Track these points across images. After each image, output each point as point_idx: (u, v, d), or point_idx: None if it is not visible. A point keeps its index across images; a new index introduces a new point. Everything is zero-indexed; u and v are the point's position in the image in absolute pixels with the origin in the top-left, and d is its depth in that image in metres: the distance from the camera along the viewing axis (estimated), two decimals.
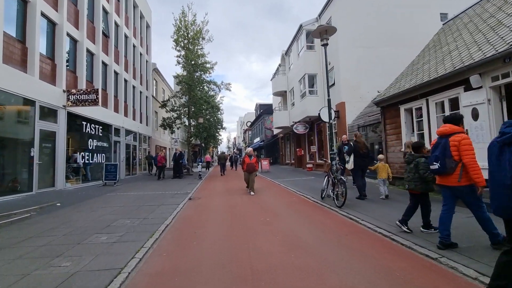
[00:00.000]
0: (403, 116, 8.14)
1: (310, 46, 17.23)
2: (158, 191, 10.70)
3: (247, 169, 9.29)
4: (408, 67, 9.43)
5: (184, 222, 5.71)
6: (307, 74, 16.74)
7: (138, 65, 19.83)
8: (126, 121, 17.16)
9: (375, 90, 14.33)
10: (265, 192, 9.64)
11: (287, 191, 9.82)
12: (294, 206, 6.94)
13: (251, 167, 9.27)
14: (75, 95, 10.69)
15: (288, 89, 21.36)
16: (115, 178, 12.70)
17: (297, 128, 18.55)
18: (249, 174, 9.32)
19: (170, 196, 9.25)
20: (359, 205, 6.35)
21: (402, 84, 8.36)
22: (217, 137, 45.60)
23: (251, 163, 9.29)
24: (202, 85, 21.75)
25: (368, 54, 14.43)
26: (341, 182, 6.25)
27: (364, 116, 12.87)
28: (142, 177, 17.32)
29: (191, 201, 8.31)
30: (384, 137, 9.17)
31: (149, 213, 6.55)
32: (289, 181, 12.43)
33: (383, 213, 5.51)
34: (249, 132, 50.92)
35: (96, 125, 13.31)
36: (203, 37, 22.24)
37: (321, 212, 6.08)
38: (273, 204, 7.39)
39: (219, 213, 6.47)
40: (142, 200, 8.56)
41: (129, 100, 18.04)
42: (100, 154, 13.76)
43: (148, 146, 22.13)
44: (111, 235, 4.71)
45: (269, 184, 12.25)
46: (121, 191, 10.87)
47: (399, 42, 14.57)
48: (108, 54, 15.10)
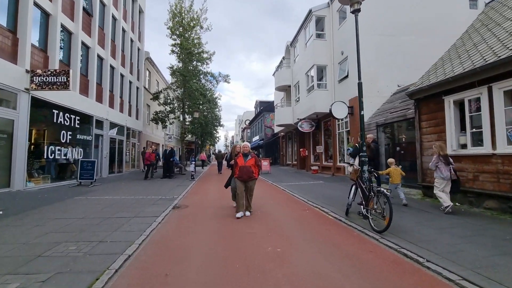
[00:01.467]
0: (450, 110, 6.37)
1: (319, 35, 15.44)
2: (140, 194, 8.88)
3: (239, 175, 5.74)
4: (450, 51, 7.67)
5: (156, 251, 3.89)
6: (316, 65, 14.96)
7: (128, 51, 17.94)
8: (112, 113, 15.28)
9: (394, 84, 12.62)
10: (268, 201, 7.84)
11: (295, 199, 8.02)
12: (311, 225, 5.15)
13: (245, 172, 5.69)
14: (41, 77, 8.82)
15: (293, 83, 19.56)
16: (92, 177, 10.86)
17: (302, 126, 16.77)
18: (243, 183, 5.77)
19: (152, 203, 7.45)
20: (406, 228, 4.57)
21: (448, 70, 6.58)
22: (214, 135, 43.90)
23: (245, 166, 5.70)
24: (198, 77, 19.92)
25: (388, 43, 12.68)
26: (380, 195, 4.46)
27: (384, 113, 11.11)
28: (129, 176, 15.46)
29: (175, 212, 6.49)
30: (418, 137, 7.40)
31: (112, 230, 4.74)
32: (294, 186, 10.64)
33: (450, 243, 3.73)
34: (248, 131, 49.11)
35: (72, 115, 11.42)
36: (201, 25, 20.48)
37: (353, 239, 4.28)
38: (281, 220, 5.59)
39: (209, 234, 4.66)
40: (114, 208, 6.74)
41: (116, 89, 16.16)
42: (77, 149, 11.89)
43: (138, 142, 20.25)
44: (27, 281, 2.88)
45: (272, 189, 10.45)
46: (95, 193, 9.03)
47: (423, 30, 12.85)
48: (91, 35, 13.21)
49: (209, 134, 39.52)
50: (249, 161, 5.79)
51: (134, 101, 19.14)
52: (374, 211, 4.48)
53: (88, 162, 11.01)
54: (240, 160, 5.81)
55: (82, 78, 12.41)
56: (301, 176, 15.21)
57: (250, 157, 5.82)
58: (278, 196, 8.76)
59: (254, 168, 5.81)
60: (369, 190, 4.79)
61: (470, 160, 5.88)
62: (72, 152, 11.53)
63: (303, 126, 16.80)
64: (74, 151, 11.68)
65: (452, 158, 6.33)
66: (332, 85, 14.73)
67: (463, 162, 6.05)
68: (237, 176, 5.79)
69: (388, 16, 12.81)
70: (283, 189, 10.03)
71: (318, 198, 7.71)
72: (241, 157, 5.84)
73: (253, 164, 5.79)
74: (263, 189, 10.35)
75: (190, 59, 19.18)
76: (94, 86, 13.21)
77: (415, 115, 7.53)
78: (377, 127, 10.98)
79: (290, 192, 9.24)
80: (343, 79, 13.58)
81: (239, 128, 68.41)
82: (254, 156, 5.85)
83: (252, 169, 5.76)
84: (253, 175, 5.78)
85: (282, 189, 10.15)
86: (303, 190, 9.57)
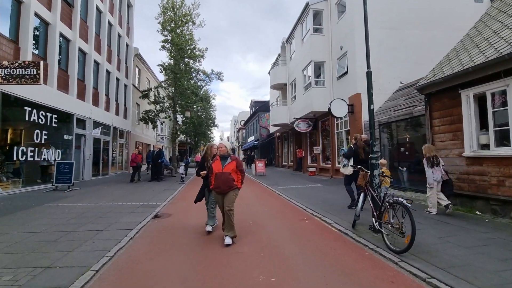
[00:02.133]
0: (469, 105, 5.60)
1: (317, 29, 14.67)
2: (120, 200, 7.97)
3: (216, 185, 4.23)
4: (463, 41, 6.92)
5: (116, 282, 3.02)
6: (313, 61, 14.17)
7: (115, 47, 16.95)
8: (96, 112, 14.29)
9: (397, 80, 11.90)
10: (261, 208, 6.99)
11: (293, 206, 7.18)
12: (312, 241, 4.30)
13: (223, 181, 4.17)
14: (7, 69, 7.84)
15: (289, 81, 18.76)
16: (69, 181, 9.89)
17: (299, 126, 15.97)
18: (220, 196, 4.29)
19: (130, 211, 6.55)
20: (428, 245, 3.75)
21: (465, 60, 5.82)
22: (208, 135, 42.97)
23: (223, 173, 4.20)
24: (190, 74, 19.04)
25: (390, 37, 11.95)
26: (397, 206, 3.64)
27: (387, 111, 10.35)
28: (115, 179, 14.48)
29: (154, 223, 5.61)
30: (429, 136, 6.63)
31: (70, 250, 3.86)
32: (291, 190, 9.81)
33: (493, 270, 2.92)
34: (243, 131, 48.24)
35: (48, 112, 10.43)
36: (193, 21, 19.64)
37: (366, 262, 3.45)
38: (277, 234, 4.74)
39: (187, 254, 3.79)
40: (84, 218, 5.83)
41: (101, 86, 15.17)
42: (54, 150, 10.89)
43: (127, 142, 19.23)
44: None
45: (266, 194, 9.60)
46: (69, 200, 8.09)
47: (426, 24, 12.17)
48: (72, 27, 12.24)
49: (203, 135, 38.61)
50: (228, 165, 4.23)
51: (122, 100, 18.14)
52: (390, 226, 3.66)
53: (66, 164, 10.03)
54: (216, 166, 4.27)
55: (61, 73, 11.42)
56: (298, 178, 14.40)
57: (229, 160, 4.28)
58: (273, 202, 7.92)
59: (236, 175, 4.30)
60: (382, 200, 3.97)
61: (494, 163, 5.12)
62: (48, 154, 10.54)
63: (299, 125, 16.01)
64: (51, 152, 10.68)
65: (471, 160, 5.58)
66: (331, 82, 13.97)
67: (485, 164, 5.29)
68: (212, 187, 4.28)
69: (390, 9, 12.10)
70: (279, 194, 9.19)
71: (318, 205, 6.89)
72: (217, 161, 4.33)
73: (233, 170, 4.27)
74: (257, 193, 9.51)
75: (182, 56, 18.29)
76: (75, 82, 12.22)
77: (426, 112, 6.77)
78: (380, 126, 10.21)
79: (286, 197, 8.40)
80: (342, 75, 12.82)
81: (235, 128, 67.52)
82: (235, 159, 4.35)
83: (233, 176, 4.24)
84: (234, 184, 4.23)
85: (278, 193, 9.31)
86: (300, 194, 8.74)
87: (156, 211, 6.61)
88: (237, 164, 4.34)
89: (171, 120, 20.52)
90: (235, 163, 4.32)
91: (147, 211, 6.50)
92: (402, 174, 8.96)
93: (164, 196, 8.75)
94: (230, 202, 4.23)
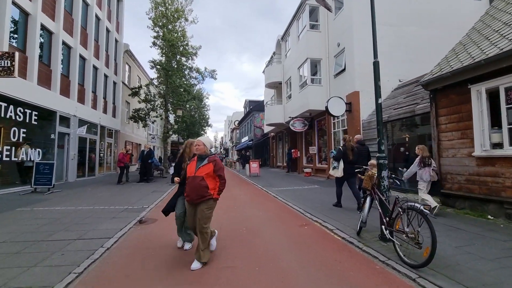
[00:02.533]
0: (480, 101, 5.20)
1: (313, 26, 14.24)
2: (102, 204, 7.35)
3: (186, 192, 3.38)
4: (470, 35, 6.54)
5: None
6: (310, 59, 13.73)
7: (103, 42, 16.21)
8: (81, 109, 13.56)
9: (395, 78, 11.54)
10: (256, 212, 6.48)
11: (290, 210, 6.68)
12: (313, 251, 3.81)
13: (194, 188, 3.28)
14: None
15: (284, 80, 18.31)
16: (49, 183, 9.21)
17: (294, 125, 15.51)
18: (192, 209, 3.40)
19: (112, 216, 5.97)
20: (447, 256, 3.29)
21: (475, 53, 5.43)
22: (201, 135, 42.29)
23: (195, 177, 3.31)
24: (182, 72, 18.45)
25: (389, 34, 11.57)
26: (411, 212, 3.18)
27: (386, 109, 9.96)
28: (102, 180, 13.76)
29: (136, 230, 5.04)
30: (435, 135, 6.22)
31: (30, 265, 3.28)
32: (287, 192, 9.32)
33: None
34: (237, 131, 47.67)
35: (26, 109, 9.72)
36: (186, 17, 19.07)
37: (379, 279, 2.97)
38: (273, 243, 4.23)
39: (172, 270, 3.25)
40: (58, 224, 5.23)
41: (88, 83, 14.44)
42: (34, 149, 10.17)
43: (115, 142, 18.48)
44: None
45: (261, 196, 9.09)
46: (47, 203, 7.43)
47: (426, 21, 11.88)
48: (55, 20, 11.52)
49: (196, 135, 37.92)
50: (202, 168, 3.31)
51: (110, 97, 17.39)
52: (405, 235, 3.18)
53: (45, 164, 9.33)
54: (190, 168, 3.42)
55: (42, 68, 10.71)
56: (293, 179, 13.93)
57: (206, 162, 3.35)
58: (268, 205, 7.41)
59: (212, 181, 3.33)
60: (393, 205, 3.50)
61: (509, 163, 4.72)
62: (28, 153, 9.82)
63: (295, 125, 15.55)
64: (30, 151, 9.96)
65: (482, 160, 5.18)
66: (327, 80, 13.55)
67: (498, 165, 4.89)
68: (187, 194, 3.36)
69: (389, 4, 11.73)
70: (274, 196, 8.69)
71: (317, 208, 6.41)
72: (193, 163, 3.44)
73: (209, 174, 3.30)
74: (251, 196, 8.99)
75: (174, 52, 17.69)
76: (58, 77, 11.49)
77: (431, 109, 6.36)
78: None
79: (282, 199, 7.91)
80: (340, 73, 12.42)
81: (229, 129, 66.90)
82: (213, 161, 3.35)
83: (207, 182, 3.28)
84: (207, 193, 3.26)
85: (273, 195, 8.81)
86: (297, 196, 8.26)
87: (141, 216, 6.04)
88: (214, 168, 3.33)
89: (162, 119, 19.86)
90: (211, 165, 3.33)
91: (130, 216, 5.92)
92: (402, 175, 8.57)
93: (152, 199, 8.16)
94: (203, 218, 3.26)
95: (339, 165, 6.21)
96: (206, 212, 3.31)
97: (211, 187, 3.32)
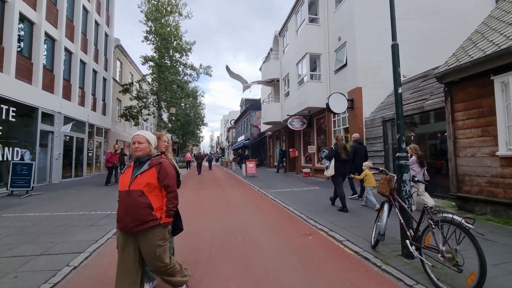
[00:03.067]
0: (503, 95, 4.61)
1: (312, 19, 13.63)
2: (83, 208, 6.65)
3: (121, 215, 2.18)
4: (486, 22, 5.97)
5: None
6: (309, 53, 13.11)
7: (91, 35, 15.40)
8: (67, 106, 12.77)
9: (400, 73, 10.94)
10: (253, 217, 5.82)
11: (291, 215, 6.04)
12: (322, 270, 3.17)
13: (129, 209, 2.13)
14: None
15: (282, 76, 17.67)
16: (28, 185, 8.46)
17: (293, 124, 14.89)
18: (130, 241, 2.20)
19: (91, 223, 5.28)
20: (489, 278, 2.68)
21: (499, 40, 4.84)
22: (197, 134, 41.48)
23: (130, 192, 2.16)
24: (175, 68, 17.76)
25: None
26: (445, 226, 2.55)
27: (391, 106, 9.39)
28: (89, 181, 12.99)
29: (113, 241, 4.34)
30: (451, 132, 5.63)
31: None
32: (286, 194, 8.69)
33: None
34: (233, 130, 46.95)
35: (3, 104, 8.93)
36: (180, 12, 18.38)
37: None
38: (275, 258, 3.58)
39: None
40: (26, 234, 4.54)
41: (75, 78, 13.64)
42: (11, 148, 9.39)
43: (106, 141, 17.66)
44: None
45: (258, 199, 8.43)
46: (21, 208, 6.71)
47: (430, 15, 11.36)
48: (36, 9, 10.73)
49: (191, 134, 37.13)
50: (141, 177, 2.21)
51: (100, 94, 16.57)
52: (439, 254, 2.55)
53: (23, 165, 8.58)
54: (123, 179, 2.27)
55: (22, 60, 9.91)
56: (292, 180, 13.31)
57: (146, 167, 2.25)
58: (266, 209, 6.76)
59: (155, 196, 2.24)
60: (421, 215, 2.88)
61: None
62: (4, 152, 9.03)
63: (293, 123, 14.93)
64: (7, 150, 9.18)
65: (508, 160, 4.59)
66: (327, 76, 12.95)
67: None
68: (120, 226, 2.23)
69: None
70: (272, 199, 8.05)
71: (320, 213, 5.78)
72: (128, 170, 2.31)
73: (151, 186, 2.22)
74: (248, 198, 8.33)
75: (166, 47, 16.97)
76: (40, 71, 10.70)
77: (446, 104, 5.77)
78: (383, 122, 9.25)
79: (281, 203, 7.27)
80: (340, 68, 11.82)
81: (225, 128, 66.14)
82: (157, 165, 2.27)
83: (149, 198, 2.19)
84: (151, 216, 2.17)
85: (272, 198, 8.17)
86: (297, 199, 7.63)
87: None
88: (158, 175, 2.22)
89: (155, 117, 19.11)
90: (154, 171, 2.22)
91: (111, 224, 5.22)
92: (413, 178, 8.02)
93: None
94: (151, 256, 2.18)
95: (330, 165, 6.09)
96: (158, 245, 2.18)
97: (156, 206, 2.20)
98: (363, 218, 5.29)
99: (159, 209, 2.25)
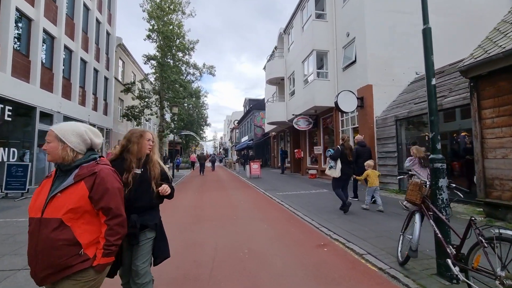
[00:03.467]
0: None
1: (319, 15, 13.15)
2: None
3: (31, 259, 1.37)
4: None
5: None
6: (316, 50, 12.62)
7: (92, 34, 15.08)
8: (67, 105, 12.44)
9: (411, 71, 10.43)
10: (260, 224, 5.34)
11: (301, 222, 5.56)
12: None
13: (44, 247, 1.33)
14: None
15: (287, 75, 17.19)
16: (23, 187, 8.11)
17: (298, 123, 14.40)
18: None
19: None
20: None
21: None
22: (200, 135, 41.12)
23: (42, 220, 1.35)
24: (178, 67, 17.40)
25: (404, 22, 10.53)
26: (502, 244, 2.07)
27: (405, 104, 8.88)
28: None
29: None
30: (477, 131, 5.12)
31: None
32: (294, 197, 8.21)
33: None
34: (236, 131, 46.56)
35: None
36: (183, 10, 18.02)
37: None
38: (287, 277, 3.11)
39: None
40: (10, 243, 4.15)
41: (75, 77, 13.30)
42: (8, 148, 9.04)
43: (107, 141, 17.34)
44: None
45: (264, 202, 7.96)
46: (14, 212, 6.36)
47: (443, 9, 10.76)
48: (35, 5, 10.39)
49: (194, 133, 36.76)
50: (61, 196, 1.38)
51: (101, 93, 16.24)
52: (498, 280, 2.06)
53: (18, 166, 8.22)
54: (37, 196, 1.44)
55: (18, 57, 9.58)
56: (298, 181, 12.82)
57: (70, 180, 1.42)
58: (274, 215, 6.28)
59: (84, 225, 1.42)
60: (466, 230, 2.39)
61: None
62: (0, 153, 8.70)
63: (299, 123, 14.44)
64: (3, 151, 8.83)
65: None
66: (335, 74, 12.45)
67: None
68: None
69: None
70: (279, 202, 7.58)
71: (334, 220, 5.30)
72: (46, 182, 1.47)
73: (77, 210, 1.39)
74: (253, 202, 7.86)
75: (169, 45, 16.61)
76: (38, 69, 10.35)
77: (472, 100, 5.26)
78: (396, 121, 8.73)
79: (290, 207, 6.79)
80: (349, 65, 11.31)
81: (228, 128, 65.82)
82: (90, 175, 1.45)
83: (71, 231, 1.36)
84: (75, 258, 1.36)
85: (279, 202, 7.69)
86: (306, 204, 7.14)
87: None
88: (91, 193, 1.44)
89: (158, 117, 18.76)
90: (83, 187, 1.43)
91: None
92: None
93: None
94: None
95: (337, 165, 5.91)
96: None
97: (85, 241, 1.42)
98: (381, 226, 4.79)
99: (93, 244, 1.45)
